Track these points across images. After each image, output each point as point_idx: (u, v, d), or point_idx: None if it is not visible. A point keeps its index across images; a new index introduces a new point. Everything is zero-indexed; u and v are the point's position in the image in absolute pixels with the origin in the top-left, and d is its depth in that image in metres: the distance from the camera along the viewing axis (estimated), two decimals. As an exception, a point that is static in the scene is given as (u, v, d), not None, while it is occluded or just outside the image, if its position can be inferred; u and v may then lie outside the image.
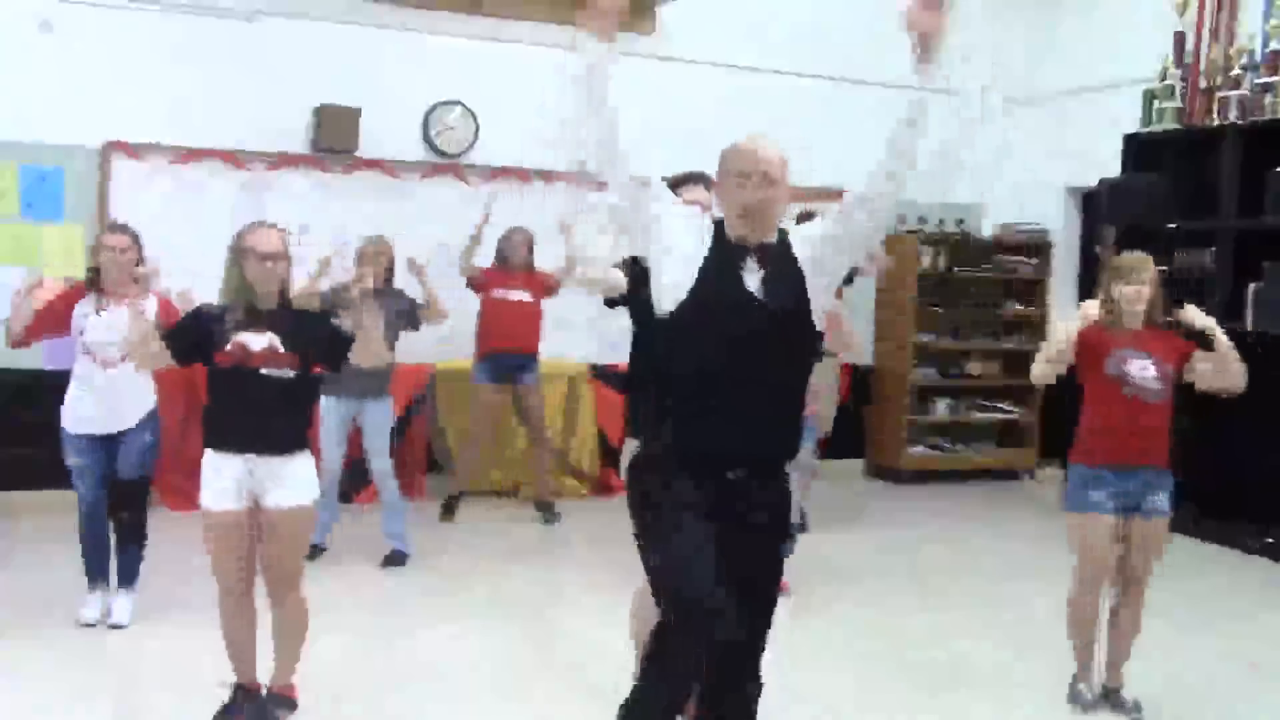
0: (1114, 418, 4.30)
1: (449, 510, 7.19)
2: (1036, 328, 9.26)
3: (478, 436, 7.23)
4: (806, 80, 8.63)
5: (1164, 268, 7.79)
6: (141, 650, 4.74)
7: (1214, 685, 4.86)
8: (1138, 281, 4.28)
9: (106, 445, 4.96)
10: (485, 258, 7.19)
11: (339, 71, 7.43)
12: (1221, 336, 4.26)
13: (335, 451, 6.14)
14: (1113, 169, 8.11)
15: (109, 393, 4.88)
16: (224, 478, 3.84)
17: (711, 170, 3.17)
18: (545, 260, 7.11)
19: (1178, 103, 7.90)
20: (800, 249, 3.03)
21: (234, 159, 7.25)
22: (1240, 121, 7.39)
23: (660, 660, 3.02)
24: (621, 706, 3.10)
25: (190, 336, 3.88)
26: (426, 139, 7.78)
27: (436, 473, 7.69)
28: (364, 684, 4.40)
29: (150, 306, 4.82)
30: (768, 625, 3.08)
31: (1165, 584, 6.30)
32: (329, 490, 5.93)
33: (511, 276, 7.07)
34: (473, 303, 7.15)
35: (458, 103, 7.79)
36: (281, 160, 7.36)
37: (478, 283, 7.09)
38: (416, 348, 7.32)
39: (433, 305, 6.26)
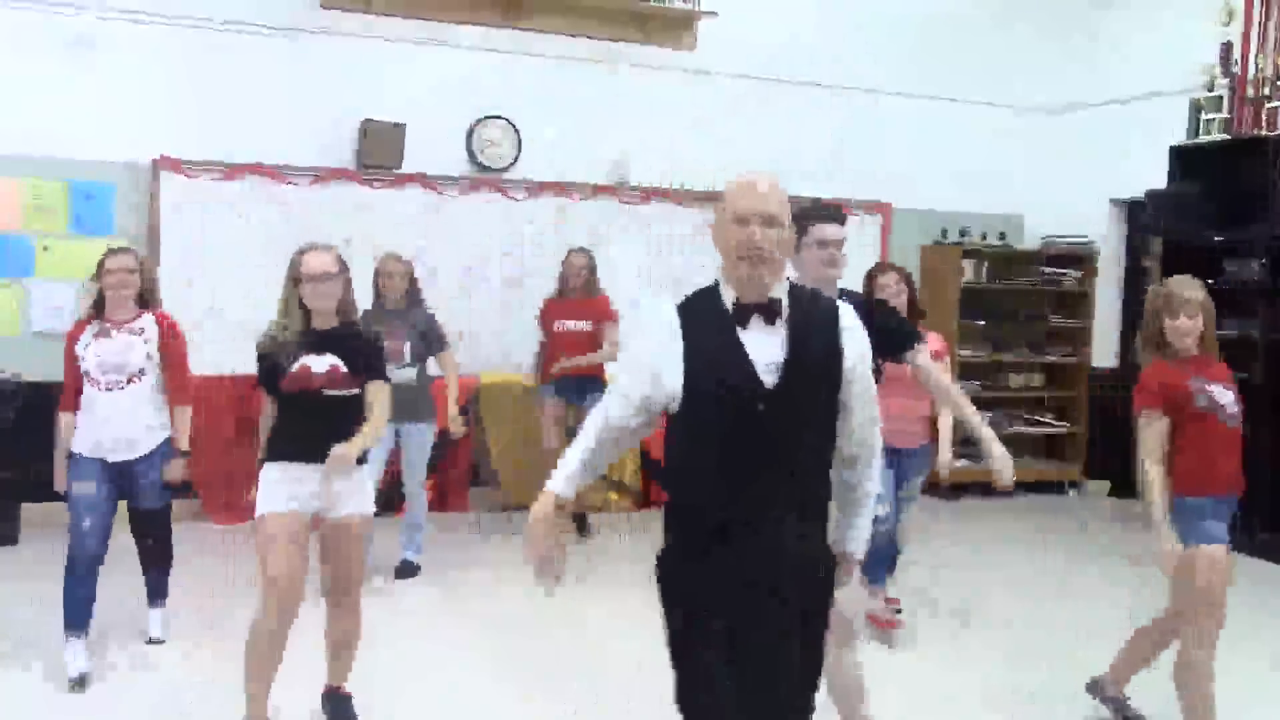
0: (1214, 449, 3.98)
1: (582, 526, 7.13)
2: (1080, 340, 9.21)
3: (548, 450, 6.90)
4: (841, 93, 8.61)
5: (1209, 280, 7.77)
6: (193, 667, 4.77)
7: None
8: (1188, 314, 3.98)
9: (116, 474, 4.68)
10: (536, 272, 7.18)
11: (383, 87, 7.51)
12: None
13: (376, 470, 6.02)
14: (1157, 180, 8.03)
15: (112, 418, 4.63)
16: (288, 486, 3.84)
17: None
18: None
19: (1224, 113, 7.82)
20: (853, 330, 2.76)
21: (279, 175, 7.34)
22: (1288, 132, 7.31)
23: None
24: None
25: (270, 377, 3.93)
26: (469, 154, 7.84)
27: (492, 486, 7.72)
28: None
29: (150, 327, 4.69)
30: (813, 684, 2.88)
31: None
32: None
33: (571, 305, 6.93)
34: (510, 317, 7.24)
35: (500, 118, 7.85)
36: (326, 175, 7.45)
37: (543, 320, 7.09)
38: (461, 361, 7.39)
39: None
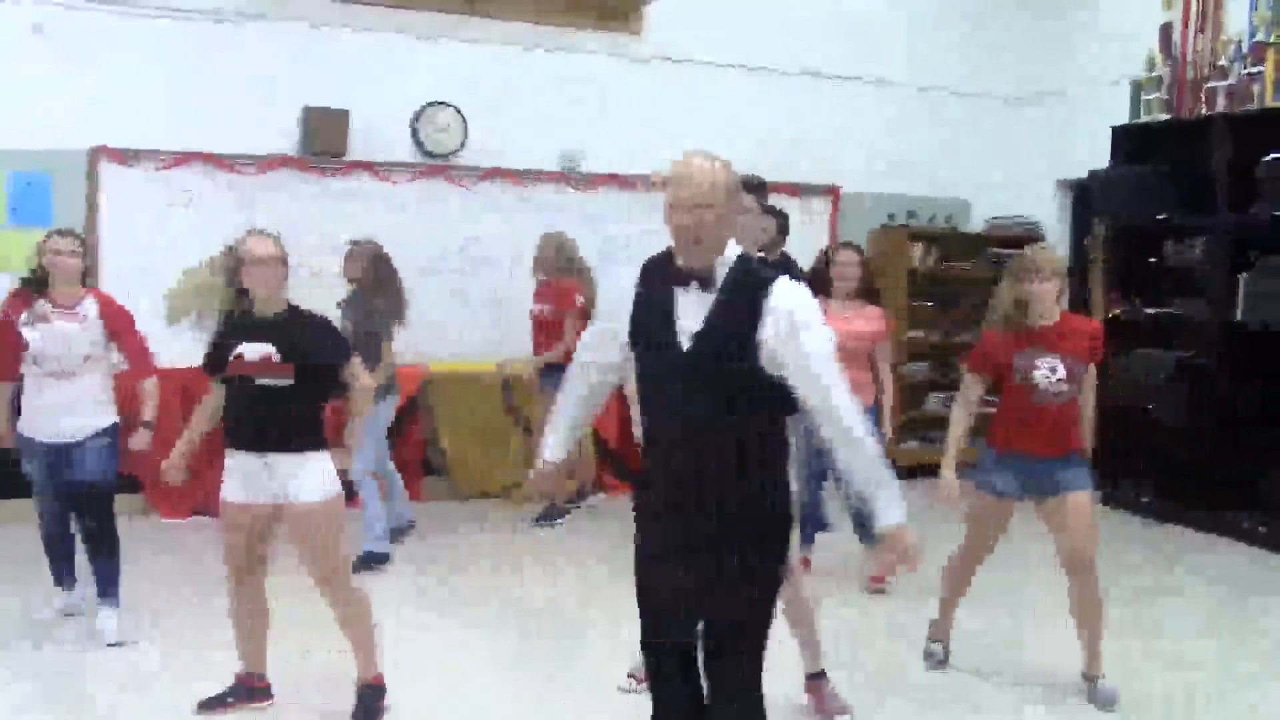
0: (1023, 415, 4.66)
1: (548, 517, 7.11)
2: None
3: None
4: (792, 78, 8.63)
5: (1151, 259, 7.88)
6: (136, 667, 4.69)
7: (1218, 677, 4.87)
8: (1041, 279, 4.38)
9: (59, 453, 4.79)
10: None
11: (328, 74, 7.42)
12: None
13: (371, 454, 5.99)
14: (1102, 162, 8.11)
15: (58, 407, 4.73)
16: (238, 473, 4.01)
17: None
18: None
19: (1165, 94, 7.92)
20: (782, 311, 2.78)
21: (223, 162, 7.23)
22: (1228, 112, 7.40)
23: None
24: None
25: (210, 361, 4.12)
26: (416, 141, 7.76)
27: (444, 476, 7.71)
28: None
29: (90, 308, 4.78)
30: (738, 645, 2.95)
31: (1159, 573, 6.35)
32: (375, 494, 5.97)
33: (540, 286, 7.08)
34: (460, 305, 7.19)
35: (447, 104, 7.78)
36: (271, 163, 7.34)
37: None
38: (410, 350, 7.33)
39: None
